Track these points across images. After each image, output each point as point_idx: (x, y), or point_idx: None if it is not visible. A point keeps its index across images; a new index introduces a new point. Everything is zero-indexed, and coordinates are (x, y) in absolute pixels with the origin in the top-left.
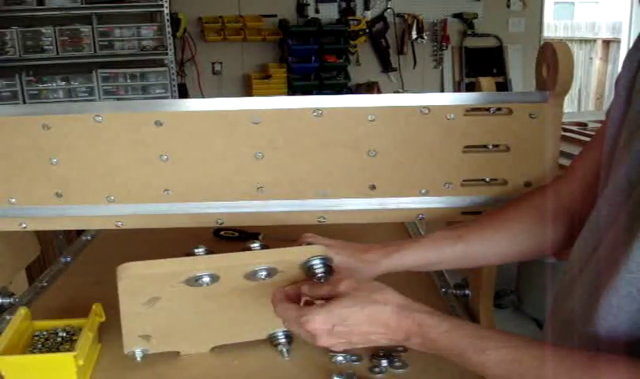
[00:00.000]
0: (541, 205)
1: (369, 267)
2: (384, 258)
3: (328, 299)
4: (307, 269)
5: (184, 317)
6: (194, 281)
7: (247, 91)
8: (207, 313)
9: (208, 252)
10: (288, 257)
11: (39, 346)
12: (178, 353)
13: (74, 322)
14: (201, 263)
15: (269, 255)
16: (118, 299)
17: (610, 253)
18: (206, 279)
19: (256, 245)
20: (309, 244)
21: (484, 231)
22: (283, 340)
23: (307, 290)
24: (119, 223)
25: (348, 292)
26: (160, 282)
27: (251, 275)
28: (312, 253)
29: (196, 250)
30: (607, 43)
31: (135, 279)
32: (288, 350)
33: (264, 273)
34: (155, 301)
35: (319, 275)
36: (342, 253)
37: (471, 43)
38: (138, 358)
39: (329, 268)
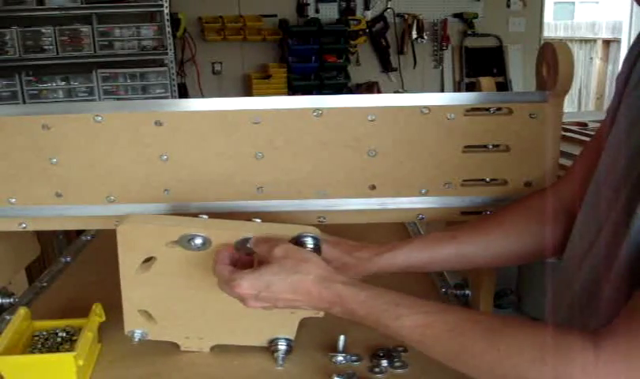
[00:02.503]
0: (538, 207)
1: (361, 264)
2: (376, 257)
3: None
4: (297, 244)
5: (181, 295)
6: (187, 241)
7: (247, 91)
8: (203, 297)
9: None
10: (281, 232)
11: (39, 346)
12: (178, 349)
13: (74, 322)
14: (195, 223)
15: (262, 227)
16: (118, 261)
17: (606, 248)
18: (198, 241)
19: (257, 219)
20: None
21: (478, 232)
22: (283, 347)
23: (254, 242)
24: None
25: (279, 258)
26: (157, 236)
27: (241, 245)
28: (304, 230)
29: (200, 215)
30: (607, 43)
31: (133, 229)
32: (283, 359)
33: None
34: (151, 263)
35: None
36: (336, 248)
37: (471, 43)
38: (136, 340)
39: (318, 248)
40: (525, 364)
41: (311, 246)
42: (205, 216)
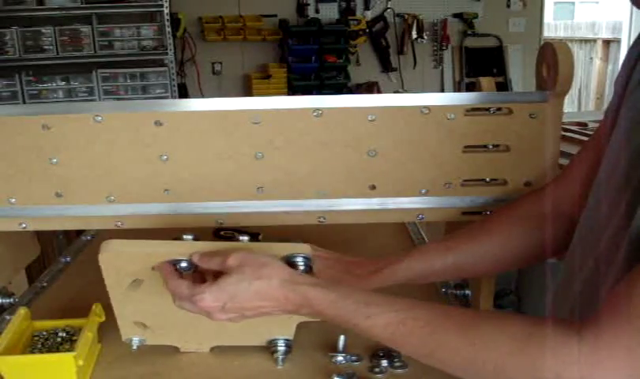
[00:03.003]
0: (531, 211)
1: (360, 281)
2: (375, 273)
3: (219, 273)
4: (288, 265)
5: (174, 308)
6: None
7: (247, 91)
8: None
9: (196, 239)
10: (271, 251)
11: (39, 346)
12: (178, 349)
13: (74, 322)
14: (180, 247)
15: (250, 247)
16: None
17: (607, 250)
18: (184, 265)
19: (245, 238)
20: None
21: (473, 242)
22: (282, 348)
23: (198, 260)
24: (119, 223)
25: (236, 267)
26: (141, 261)
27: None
28: (294, 250)
29: (184, 236)
30: (607, 43)
31: (115, 255)
32: (283, 360)
33: None
34: (138, 283)
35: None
36: (334, 267)
37: (471, 43)
38: (135, 347)
39: (309, 268)
40: (502, 357)
41: (302, 268)
42: (189, 237)
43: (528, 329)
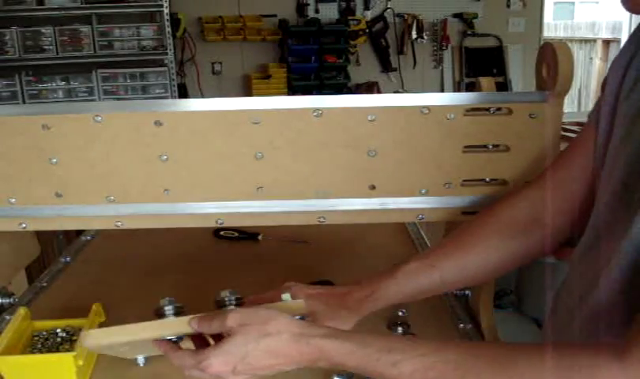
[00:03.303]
0: (508, 218)
1: (352, 313)
2: (366, 301)
3: (219, 336)
4: None
5: None
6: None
7: (247, 91)
8: None
9: (177, 309)
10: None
11: (39, 346)
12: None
13: (74, 322)
14: (166, 329)
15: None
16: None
17: (606, 254)
18: (173, 339)
19: (231, 301)
20: (292, 294)
21: (455, 256)
22: None
23: (197, 327)
24: (119, 223)
25: (238, 327)
26: (124, 344)
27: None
28: (291, 312)
29: (165, 308)
30: (607, 43)
31: (97, 347)
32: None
33: None
34: (130, 348)
35: None
36: (328, 302)
37: (471, 43)
38: (141, 364)
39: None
40: None
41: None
42: (169, 308)
43: (566, 361)
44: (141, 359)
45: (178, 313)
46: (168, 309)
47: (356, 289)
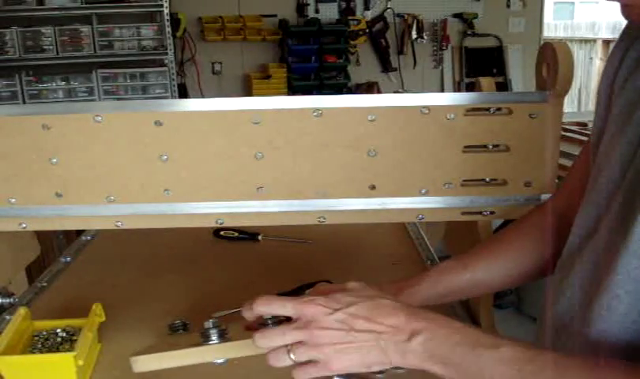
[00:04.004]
0: (540, 224)
1: None
2: (400, 295)
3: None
4: None
5: None
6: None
7: (247, 91)
8: None
9: (221, 332)
10: None
11: (39, 346)
12: None
13: (74, 322)
14: (215, 353)
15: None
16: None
17: (598, 256)
18: (219, 361)
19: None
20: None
21: (488, 258)
22: None
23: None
24: (119, 223)
25: (343, 292)
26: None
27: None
28: None
29: (211, 332)
30: (607, 43)
31: (147, 371)
32: None
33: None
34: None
35: None
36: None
37: (471, 43)
38: None
39: None
40: None
41: None
42: (214, 331)
43: None
44: None
45: (222, 334)
46: (213, 332)
47: (387, 286)
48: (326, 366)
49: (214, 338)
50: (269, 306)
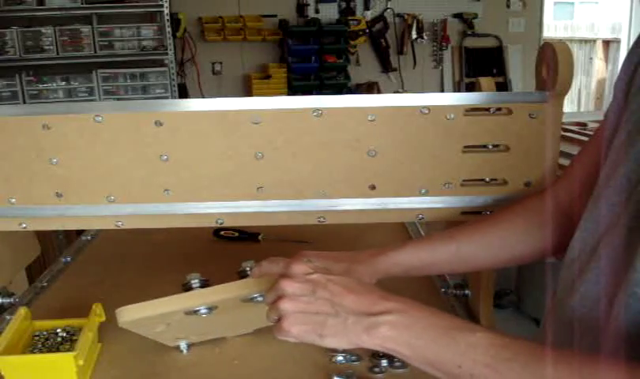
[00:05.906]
0: (536, 208)
1: (366, 268)
2: (380, 256)
3: None
4: None
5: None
6: (193, 312)
7: (247, 91)
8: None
9: (203, 281)
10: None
11: (39, 346)
12: (178, 349)
13: (74, 322)
14: (196, 299)
15: (263, 283)
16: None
17: (612, 254)
18: (204, 311)
19: (248, 266)
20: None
21: (476, 233)
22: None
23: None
24: (119, 223)
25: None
26: (160, 318)
27: (247, 300)
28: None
29: (192, 282)
30: (607, 43)
31: (132, 323)
32: None
33: (260, 298)
34: (166, 326)
35: None
36: (338, 259)
37: (471, 43)
38: (184, 351)
39: None
40: None
41: None
42: (196, 281)
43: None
44: (184, 345)
45: (204, 285)
46: (195, 282)
47: (367, 250)
48: (281, 326)
49: (195, 288)
50: (276, 264)
